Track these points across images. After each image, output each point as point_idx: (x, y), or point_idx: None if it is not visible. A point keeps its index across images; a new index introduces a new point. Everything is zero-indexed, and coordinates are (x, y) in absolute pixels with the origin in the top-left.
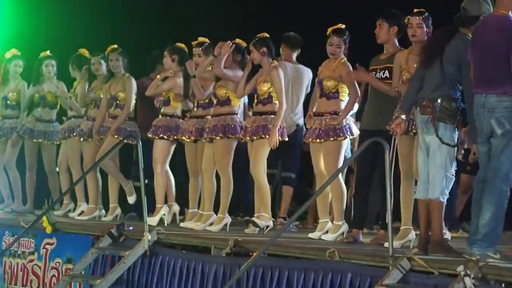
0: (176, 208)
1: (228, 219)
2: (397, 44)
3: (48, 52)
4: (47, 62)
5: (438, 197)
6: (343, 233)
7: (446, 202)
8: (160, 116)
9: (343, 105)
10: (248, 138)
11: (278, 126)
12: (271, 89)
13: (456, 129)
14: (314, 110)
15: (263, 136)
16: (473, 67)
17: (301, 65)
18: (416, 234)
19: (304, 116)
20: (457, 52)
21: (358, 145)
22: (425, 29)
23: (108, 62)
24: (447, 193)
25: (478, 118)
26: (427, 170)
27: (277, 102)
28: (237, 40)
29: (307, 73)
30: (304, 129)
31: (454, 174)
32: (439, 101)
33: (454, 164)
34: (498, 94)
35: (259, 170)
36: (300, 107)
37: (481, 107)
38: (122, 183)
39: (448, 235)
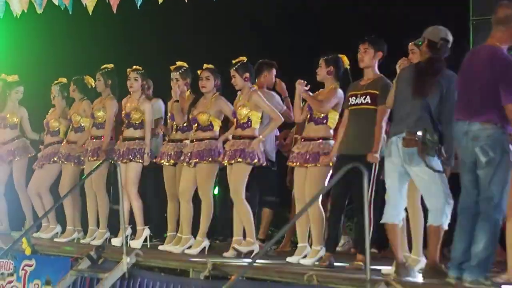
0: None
1: (206, 243)
2: (377, 70)
3: (17, 77)
4: (17, 89)
5: (442, 224)
6: (321, 257)
7: (447, 228)
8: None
9: (331, 131)
10: (226, 161)
11: (260, 145)
12: (250, 113)
13: (437, 156)
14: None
15: (240, 160)
16: (458, 95)
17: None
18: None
19: None
20: (440, 85)
21: (334, 170)
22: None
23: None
24: (449, 219)
25: (460, 146)
26: (396, 196)
27: (256, 126)
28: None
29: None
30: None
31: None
32: (420, 133)
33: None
34: (482, 122)
35: (239, 194)
36: None
37: (464, 135)
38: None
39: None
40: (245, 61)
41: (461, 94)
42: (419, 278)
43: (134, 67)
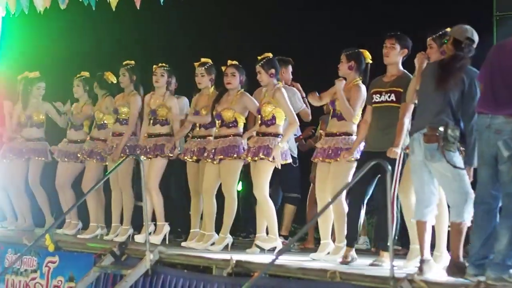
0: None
1: (229, 239)
2: (401, 66)
3: (38, 73)
4: (39, 85)
5: (464, 220)
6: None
7: (470, 224)
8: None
9: (354, 126)
10: (250, 158)
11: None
12: (275, 110)
13: (458, 152)
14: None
15: (263, 157)
16: (482, 87)
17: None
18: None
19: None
20: (463, 81)
21: (358, 166)
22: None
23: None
24: (472, 215)
25: (481, 139)
26: (423, 193)
27: (281, 123)
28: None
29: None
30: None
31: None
32: (441, 128)
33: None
34: (506, 116)
35: (262, 191)
36: None
37: (487, 128)
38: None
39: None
40: (270, 57)
41: (485, 87)
42: (442, 276)
43: (160, 64)
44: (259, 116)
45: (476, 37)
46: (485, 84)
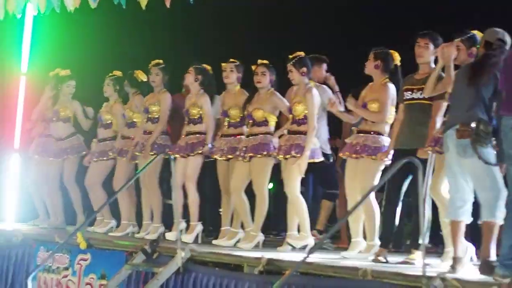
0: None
1: (261, 237)
2: (433, 64)
3: (69, 71)
4: (69, 83)
5: (496, 219)
6: (375, 252)
7: (502, 223)
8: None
9: (386, 127)
10: (282, 156)
11: (315, 141)
12: (306, 109)
13: (492, 148)
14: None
15: (295, 155)
16: (505, 93)
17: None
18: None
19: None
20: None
21: (391, 165)
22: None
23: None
24: (504, 213)
25: (507, 140)
26: (458, 191)
27: None
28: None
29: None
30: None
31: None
32: (474, 124)
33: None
34: None
35: (294, 189)
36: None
37: (511, 130)
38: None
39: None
40: (302, 55)
41: (507, 91)
42: (474, 275)
43: (231, 60)
44: (291, 115)
45: (508, 39)
46: (507, 88)
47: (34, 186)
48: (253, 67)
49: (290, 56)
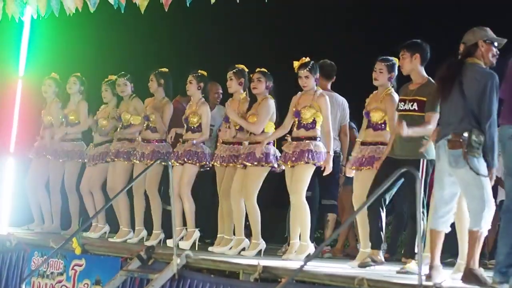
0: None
1: (263, 245)
2: (424, 72)
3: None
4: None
5: (481, 228)
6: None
7: (486, 234)
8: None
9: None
10: (289, 163)
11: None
12: (316, 114)
13: (483, 158)
14: (361, 139)
15: (309, 161)
16: (504, 102)
17: (335, 93)
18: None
19: None
20: (478, 83)
21: (378, 171)
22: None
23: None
24: (489, 225)
25: (504, 150)
26: (443, 202)
27: (319, 127)
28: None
29: (342, 102)
30: (341, 156)
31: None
32: (466, 134)
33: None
34: None
35: (301, 195)
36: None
37: (509, 139)
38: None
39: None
40: (315, 62)
41: (507, 101)
42: (470, 284)
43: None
44: (297, 120)
45: (490, 35)
46: (507, 98)
47: (32, 189)
48: (252, 76)
49: (303, 62)
